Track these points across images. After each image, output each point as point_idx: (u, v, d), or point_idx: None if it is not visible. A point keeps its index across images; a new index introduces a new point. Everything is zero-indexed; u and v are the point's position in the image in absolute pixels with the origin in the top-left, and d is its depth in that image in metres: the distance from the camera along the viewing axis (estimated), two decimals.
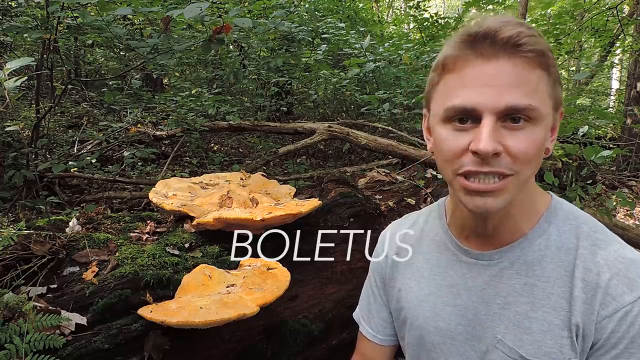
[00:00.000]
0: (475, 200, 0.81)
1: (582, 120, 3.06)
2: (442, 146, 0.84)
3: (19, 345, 1.07)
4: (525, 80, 0.77)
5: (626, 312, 0.77)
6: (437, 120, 0.85)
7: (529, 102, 0.76)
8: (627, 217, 4.26)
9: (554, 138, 0.88)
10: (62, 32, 4.17)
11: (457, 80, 0.80)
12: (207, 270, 1.42)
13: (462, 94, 0.79)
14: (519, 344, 0.86)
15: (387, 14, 14.40)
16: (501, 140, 0.77)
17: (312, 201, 1.77)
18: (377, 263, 1.18)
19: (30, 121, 3.96)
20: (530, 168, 0.80)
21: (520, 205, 0.88)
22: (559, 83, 0.84)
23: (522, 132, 0.77)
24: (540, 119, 0.79)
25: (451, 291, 0.98)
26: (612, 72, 13.21)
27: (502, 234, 0.91)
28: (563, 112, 0.89)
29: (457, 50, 0.81)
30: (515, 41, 0.76)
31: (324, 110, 6.76)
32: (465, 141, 0.79)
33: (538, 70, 0.78)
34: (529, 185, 0.87)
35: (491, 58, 0.77)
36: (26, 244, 1.35)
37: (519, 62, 0.76)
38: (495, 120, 0.77)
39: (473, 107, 0.77)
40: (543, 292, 0.85)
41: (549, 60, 0.79)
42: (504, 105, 0.76)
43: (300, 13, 6.05)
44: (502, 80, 0.76)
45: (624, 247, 0.85)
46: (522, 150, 0.77)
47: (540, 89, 0.78)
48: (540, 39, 0.78)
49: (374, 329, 1.17)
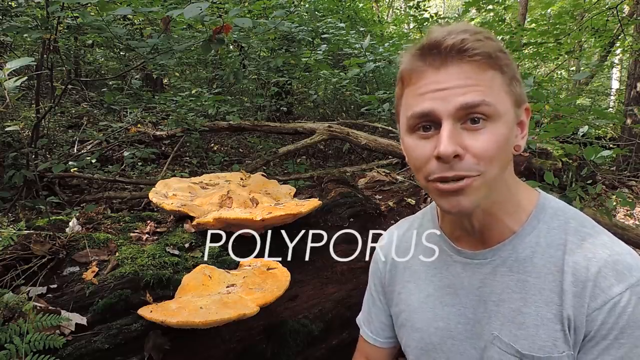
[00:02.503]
0: (450, 201, 0.84)
1: (582, 120, 3.06)
2: (410, 155, 0.88)
3: (19, 345, 1.07)
4: (477, 81, 0.80)
5: (614, 304, 0.79)
6: (404, 131, 0.89)
7: (482, 98, 0.79)
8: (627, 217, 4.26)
9: (525, 134, 0.90)
10: (62, 32, 4.18)
11: (415, 91, 0.84)
12: (207, 270, 1.42)
13: (419, 103, 0.83)
14: (514, 339, 0.87)
15: (387, 14, 14.41)
16: (462, 141, 0.80)
17: (312, 201, 1.77)
18: (375, 268, 1.19)
19: (30, 121, 3.96)
20: (495, 167, 0.82)
21: (502, 203, 0.90)
22: (517, 80, 0.86)
23: (482, 131, 0.80)
24: (499, 116, 0.81)
25: (448, 291, 0.99)
26: (612, 72, 13.20)
27: (492, 233, 0.93)
28: (529, 109, 0.91)
29: (410, 64, 0.85)
30: (459, 48, 0.79)
31: (324, 110, 6.76)
32: (430, 148, 0.82)
33: (490, 71, 0.81)
34: (507, 183, 0.89)
35: (440, 67, 0.81)
36: (26, 244, 1.36)
37: (467, 67, 0.80)
38: (453, 123, 0.80)
39: (429, 111, 0.81)
40: (535, 288, 0.87)
41: (499, 61, 0.82)
42: (458, 105, 0.79)
43: (300, 13, 6.04)
44: (452, 84, 0.80)
45: (612, 240, 0.87)
46: (483, 148, 0.79)
47: (494, 87, 0.81)
48: (488, 42, 0.81)
49: (374, 332, 1.18)
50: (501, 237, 0.92)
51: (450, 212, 0.85)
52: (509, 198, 0.91)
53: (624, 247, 0.86)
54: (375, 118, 5.20)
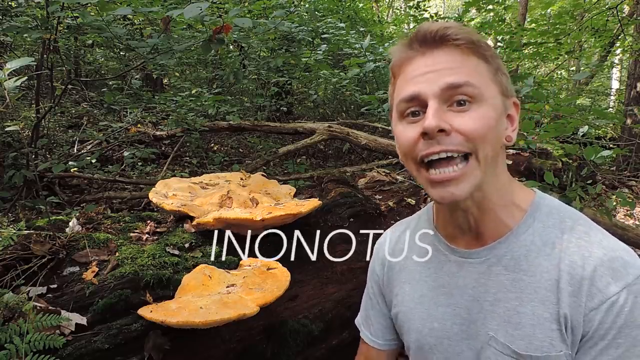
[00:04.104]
0: (440, 191, 0.85)
1: (582, 120, 3.06)
2: (400, 139, 0.90)
3: (19, 345, 1.07)
4: (462, 64, 0.83)
5: (612, 303, 0.79)
6: (395, 119, 0.92)
7: (467, 79, 0.82)
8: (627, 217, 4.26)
9: (515, 128, 0.91)
10: (62, 32, 4.17)
11: (403, 79, 0.89)
12: (207, 270, 1.42)
13: (407, 87, 0.86)
14: (510, 340, 0.87)
15: (387, 14, 14.41)
16: (448, 120, 0.82)
17: (312, 201, 1.77)
18: (373, 271, 1.19)
19: (30, 121, 3.95)
20: (486, 146, 0.83)
21: (496, 199, 0.90)
22: (504, 74, 0.89)
23: (468, 112, 0.82)
24: (484, 99, 0.83)
25: (443, 291, 0.99)
26: (612, 72, 13.20)
27: (486, 230, 0.92)
28: (518, 103, 0.93)
29: (398, 55, 0.91)
30: (442, 34, 0.84)
31: (324, 110, 6.76)
32: (418, 130, 0.85)
33: (473, 57, 0.85)
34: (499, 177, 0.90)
35: (426, 52, 0.86)
36: (26, 244, 1.36)
37: (452, 51, 0.84)
38: (439, 103, 0.83)
39: (416, 93, 0.84)
40: (530, 287, 0.86)
41: (483, 51, 0.86)
42: (443, 85, 0.82)
43: (300, 13, 6.04)
44: (439, 66, 0.84)
45: (608, 237, 0.86)
46: (471, 126, 0.82)
47: (479, 72, 0.84)
48: (471, 32, 0.86)
49: (374, 335, 1.18)
50: (496, 234, 0.92)
51: (442, 202, 0.86)
52: (503, 194, 0.91)
53: (620, 244, 0.85)
54: (375, 118, 5.21)
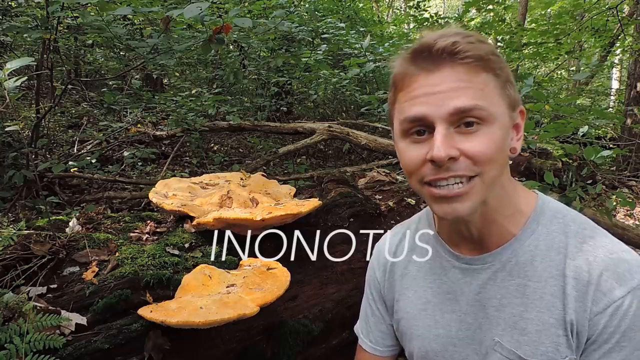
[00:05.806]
0: (444, 207, 0.83)
1: (582, 120, 3.06)
2: (404, 159, 0.87)
3: (19, 345, 1.07)
4: (470, 84, 0.79)
5: (617, 307, 0.79)
6: (398, 135, 0.88)
7: (475, 102, 0.78)
8: (627, 217, 4.26)
9: (520, 137, 0.89)
10: (62, 32, 4.18)
11: (407, 95, 0.84)
12: (207, 270, 1.42)
13: (412, 107, 0.82)
14: (516, 345, 0.86)
15: (387, 14, 14.41)
16: (456, 145, 0.79)
17: (312, 201, 1.77)
18: (372, 277, 1.18)
19: (30, 121, 3.96)
20: (493, 168, 0.81)
21: (499, 208, 0.89)
22: (511, 83, 0.85)
23: (476, 134, 0.79)
24: (493, 119, 0.80)
25: (448, 297, 0.98)
26: (612, 72, 13.21)
27: (490, 238, 0.92)
28: (524, 111, 0.91)
29: (402, 68, 0.85)
30: (451, 50, 0.79)
31: (324, 110, 6.76)
32: (424, 152, 0.82)
33: (483, 73, 0.80)
34: (504, 187, 0.88)
35: (433, 70, 0.80)
36: (26, 244, 1.35)
37: (460, 69, 0.79)
38: (447, 127, 0.79)
39: (423, 115, 0.80)
40: (536, 293, 0.86)
41: (492, 64, 0.81)
42: (451, 109, 0.78)
43: (300, 13, 6.04)
44: (445, 87, 0.79)
45: (612, 242, 0.86)
46: (479, 151, 0.79)
47: (488, 90, 0.80)
48: (480, 45, 0.80)
49: (373, 342, 1.16)
50: (500, 241, 0.91)
51: (445, 218, 0.85)
52: (507, 202, 0.90)
53: (625, 248, 0.85)
54: (375, 118, 5.21)
